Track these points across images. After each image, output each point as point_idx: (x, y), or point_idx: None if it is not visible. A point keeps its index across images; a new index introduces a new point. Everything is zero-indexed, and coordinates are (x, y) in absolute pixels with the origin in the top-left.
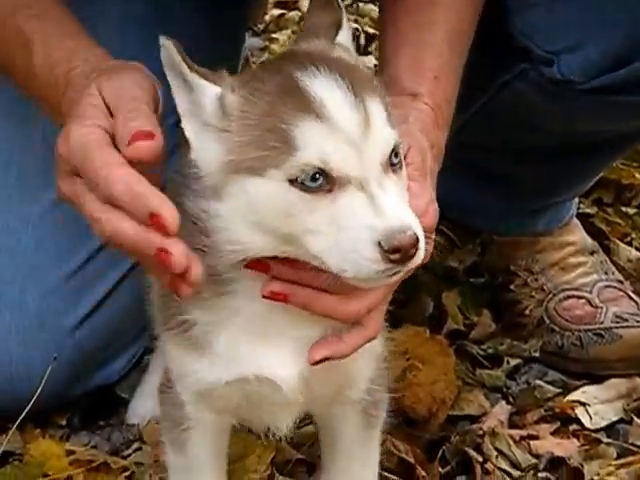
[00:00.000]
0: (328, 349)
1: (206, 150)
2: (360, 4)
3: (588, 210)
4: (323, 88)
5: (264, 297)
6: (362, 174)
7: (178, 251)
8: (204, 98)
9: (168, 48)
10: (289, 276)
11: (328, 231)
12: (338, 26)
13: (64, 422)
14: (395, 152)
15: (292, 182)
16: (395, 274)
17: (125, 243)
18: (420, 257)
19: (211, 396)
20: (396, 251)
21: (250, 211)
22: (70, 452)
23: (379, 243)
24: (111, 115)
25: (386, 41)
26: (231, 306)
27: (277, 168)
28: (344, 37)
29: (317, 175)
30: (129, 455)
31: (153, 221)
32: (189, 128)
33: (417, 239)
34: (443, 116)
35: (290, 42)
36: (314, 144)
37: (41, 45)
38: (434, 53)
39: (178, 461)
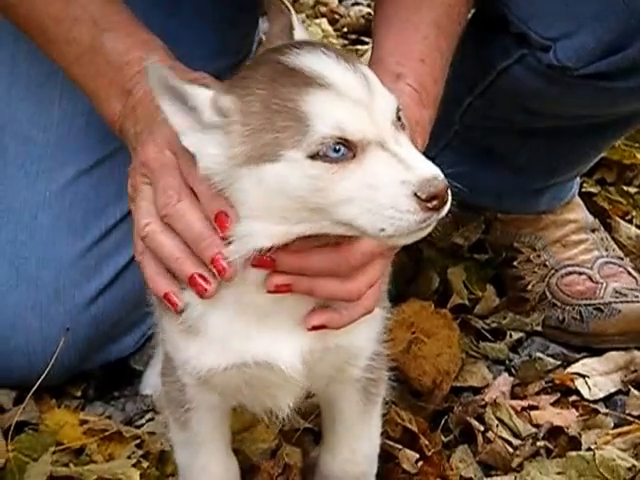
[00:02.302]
0: (324, 317)
1: (212, 154)
2: None
3: (591, 189)
4: (314, 60)
5: (269, 292)
6: (379, 134)
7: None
8: (199, 102)
9: (154, 68)
10: (293, 266)
11: (361, 195)
12: (292, 27)
13: (79, 393)
14: (399, 112)
15: (313, 157)
16: (429, 224)
17: (185, 226)
18: (449, 203)
19: (211, 381)
20: (433, 198)
21: (269, 199)
22: (84, 422)
23: (415, 194)
24: None
25: (375, 24)
26: (227, 293)
27: (295, 148)
28: (300, 34)
29: (338, 145)
30: (142, 425)
31: (217, 219)
32: (190, 141)
33: (447, 185)
34: (428, 96)
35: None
36: (327, 114)
37: (113, 25)
38: (420, 36)
39: (181, 437)
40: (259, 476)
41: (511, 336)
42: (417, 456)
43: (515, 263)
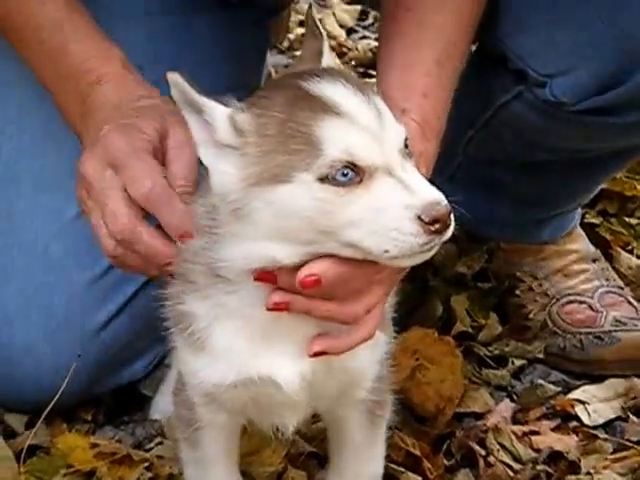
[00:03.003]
0: (325, 343)
1: (224, 171)
2: None
3: (593, 220)
4: (332, 90)
5: (268, 309)
6: (386, 161)
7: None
8: (215, 119)
9: (176, 80)
10: (292, 284)
11: (366, 218)
12: (321, 53)
13: (90, 418)
14: (406, 141)
15: (323, 180)
16: (432, 247)
17: (146, 248)
18: (452, 228)
19: (219, 398)
20: (436, 222)
21: (280, 219)
22: (95, 445)
23: (419, 217)
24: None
25: (380, 61)
26: (231, 305)
27: (307, 171)
28: (327, 61)
29: (346, 169)
30: (151, 449)
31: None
32: (205, 154)
33: (450, 209)
34: (432, 130)
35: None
36: (339, 140)
37: (77, 33)
38: (422, 73)
39: (192, 457)
40: None
41: (513, 363)
42: (420, 479)
43: (517, 292)
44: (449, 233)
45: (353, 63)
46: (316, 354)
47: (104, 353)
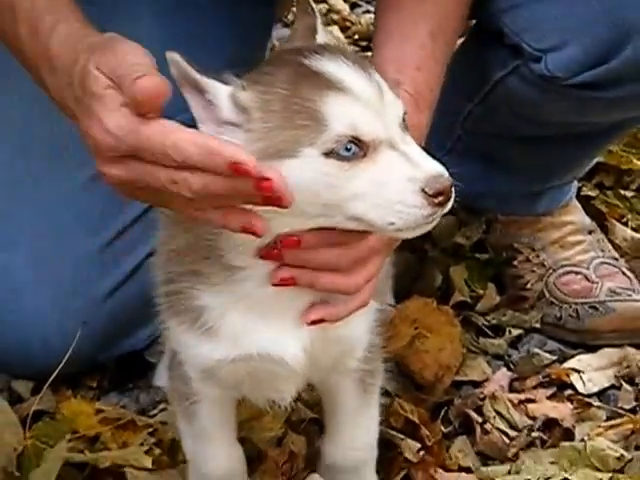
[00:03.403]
0: (323, 311)
1: None
2: None
3: (590, 193)
4: (334, 66)
5: (274, 285)
6: (388, 135)
7: (275, 174)
8: (218, 97)
9: (175, 59)
10: (298, 259)
11: (371, 191)
12: (315, 30)
13: (95, 384)
14: (404, 115)
15: (328, 155)
16: (434, 219)
17: (217, 189)
18: (452, 200)
19: (217, 374)
20: (439, 194)
21: None
22: (99, 411)
23: (422, 190)
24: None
25: (376, 35)
26: (241, 290)
27: (311, 146)
28: (322, 38)
29: (350, 144)
30: (155, 415)
31: (233, 168)
32: (208, 132)
33: (452, 182)
34: (424, 102)
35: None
36: (343, 115)
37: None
38: (417, 46)
39: (189, 429)
40: (265, 463)
41: (510, 332)
42: (418, 446)
43: (515, 263)
44: (449, 205)
45: (356, 37)
46: (314, 322)
47: (110, 320)
